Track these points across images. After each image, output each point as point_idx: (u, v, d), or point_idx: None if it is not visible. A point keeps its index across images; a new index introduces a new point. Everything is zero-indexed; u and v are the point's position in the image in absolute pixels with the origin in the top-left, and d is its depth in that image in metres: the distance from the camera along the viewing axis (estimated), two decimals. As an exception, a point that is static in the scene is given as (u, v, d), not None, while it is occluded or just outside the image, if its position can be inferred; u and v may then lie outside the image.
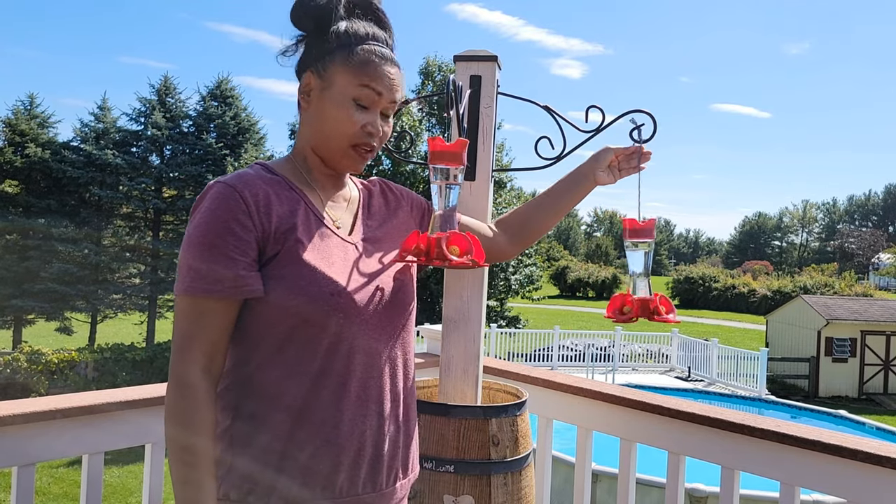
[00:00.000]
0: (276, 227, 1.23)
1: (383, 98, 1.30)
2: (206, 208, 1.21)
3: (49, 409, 1.61)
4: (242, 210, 1.21)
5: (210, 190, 1.24)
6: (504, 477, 1.70)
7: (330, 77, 1.29)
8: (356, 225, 1.38)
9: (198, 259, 1.19)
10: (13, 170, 23.99)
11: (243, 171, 1.28)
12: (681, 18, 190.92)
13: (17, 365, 15.83)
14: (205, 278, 1.18)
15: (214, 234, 1.19)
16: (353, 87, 1.28)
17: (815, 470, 1.68)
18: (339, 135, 1.29)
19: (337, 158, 1.32)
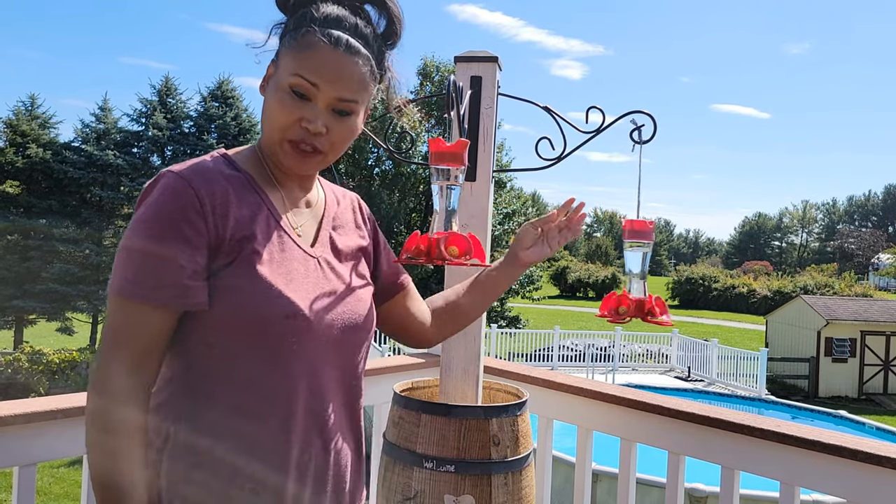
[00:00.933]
0: (233, 232, 1.09)
1: (322, 90, 1.13)
2: (153, 201, 1.07)
3: (50, 409, 1.61)
4: (195, 209, 1.07)
5: (160, 180, 1.09)
6: (504, 477, 1.70)
7: (279, 63, 1.17)
8: (320, 234, 1.25)
9: (137, 259, 1.05)
10: (14, 170, 23.98)
11: (201, 161, 1.14)
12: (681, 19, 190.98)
13: (18, 365, 15.83)
14: (143, 283, 1.04)
15: (160, 232, 1.05)
16: (288, 74, 1.13)
17: (815, 470, 1.69)
18: (271, 127, 1.15)
19: (276, 155, 1.18)
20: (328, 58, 1.13)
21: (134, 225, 1.07)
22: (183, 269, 1.05)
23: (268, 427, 1.09)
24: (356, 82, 1.15)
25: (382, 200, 20.85)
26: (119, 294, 1.05)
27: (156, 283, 1.04)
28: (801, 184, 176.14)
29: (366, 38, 1.18)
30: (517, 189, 25.23)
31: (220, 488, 1.06)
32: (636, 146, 1.64)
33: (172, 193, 1.07)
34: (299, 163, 1.16)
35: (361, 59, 1.15)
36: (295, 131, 1.14)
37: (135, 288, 1.04)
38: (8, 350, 19.40)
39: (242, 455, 1.07)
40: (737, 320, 38.64)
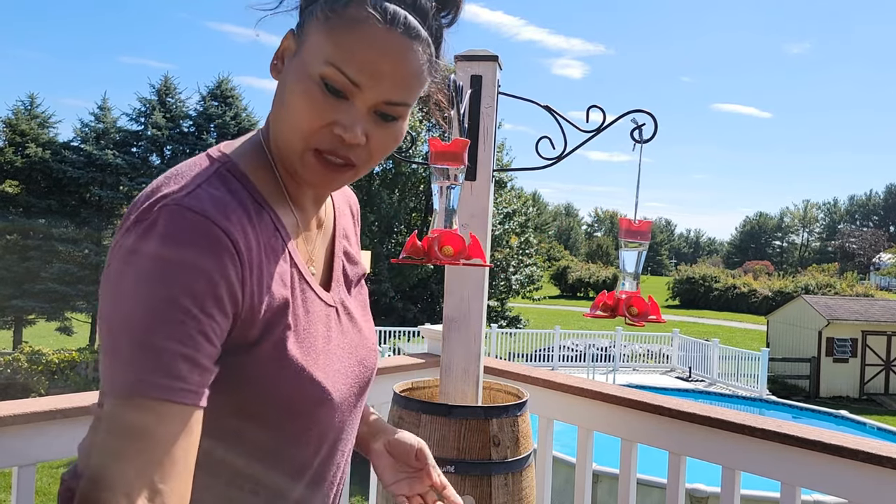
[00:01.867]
0: (268, 304, 0.84)
1: (365, 89, 0.83)
2: (173, 254, 0.76)
3: (49, 410, 1.61)
4: (235, 269, 0.79)
5: (176, 217, 0.77)
6: (505, 477, 1.70)
7: (304, 39, 0.86)
8: (334, 268, 1.02)
9: (151, 335, 0.73)
10: (13, 170, 24.01)
11: (216, 193, 0.82)
12: (682, 18, 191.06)
13: (17, 365, 15.83)
14: (165, 369, 0.73)
15: (188, 299, 0.74)
16: (320, 59, 0.83)
17: (816, 470, 1.68)
18: (291, 128, 0.86)
19: (293, 165, 0.88)
20: (379, 43, 0.82)
21: (137, 287, 0.75)
22: (207, 352, 0.77)
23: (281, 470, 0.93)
24: (412, 78, 0.86)
25: (382, 200, 20.85)
26: (132, 394, 0.72)
27: (179, 372, 0.74)
28: (802, 183, 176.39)
29: (425, 13, 0.87)
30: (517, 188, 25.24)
31: (219, 490, 1.02)
32: (637, 145, 1.63)
33: (206, 242, 0.77)
34: (324, 179, 0.88)
35: (421, 45, 0.86)
36: (323, 139, 0.85)
37: (155, 378, 0.73)
38: (7, 350, 19.40)
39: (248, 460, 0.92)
40: (738, 320, 38.64)
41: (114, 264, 0.79)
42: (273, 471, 0.92)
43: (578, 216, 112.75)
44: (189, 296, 0.75)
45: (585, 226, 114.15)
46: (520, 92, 1.94)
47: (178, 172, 0.85)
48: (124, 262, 0.77)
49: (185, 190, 0.81)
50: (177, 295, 0.74)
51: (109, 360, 0.76)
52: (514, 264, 22.07)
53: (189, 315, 0.75)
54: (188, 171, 0.85)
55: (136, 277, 0.76)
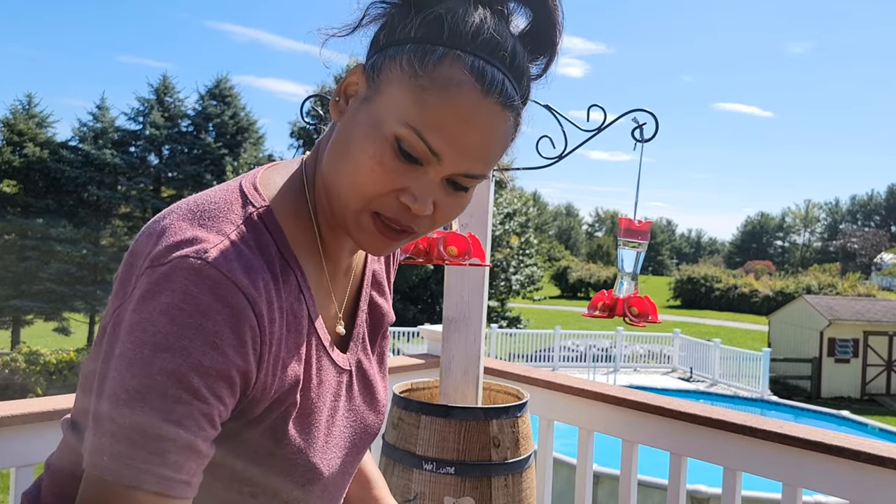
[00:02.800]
0: (279, 386, 0.76)
1: (445, 161, 0.73)
2: (189, 321, 0.67)
3: (47, 410, 1.61)
4: (253, 352, 0.71)
5: (198, 276, 0.68)
6: (505, 479, 1.69)
7: (380, 86, 0.74)
8: (356, 325, 0.92)
9: (153, 415, 0.66)
10: (11, 169, 24.06)
11: (244, 251, 0.73)
12: (683, 17, 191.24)
13: (15, 366, 15.84)
14: (163, 458, 0.66)
15: (197, 378, 0.67)
16: (397, 118, 0.72)
17: (818, 471, 1.68)
18: (351, 185, 0.75)
19: (346, 221, 0.79)
20: (471, 114, 0.71)
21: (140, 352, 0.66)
22: (207, 433, 0.69)
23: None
24: (497, 150, 0.76)
25: (383, 200, 20.86)
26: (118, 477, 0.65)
27: (176, 462, 0.67)
28: (803, 183, 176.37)
29: (521, 74, 0.77)
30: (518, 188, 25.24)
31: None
32: (638, 145, 1.63)
33: (229, 312, 0.68)
34: (377, 243, 0.79)
35: (513, 113, 0.76)
36: (387, 205, 0.76)
37: (148, 467, 0.66)
38: (5, 350, 19.42)
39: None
40: (739, 320, 38.65)
41: (125, 317, 0.70)
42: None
43: (579, 216, 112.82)
44: (200, 374, 0.67)
45: (586, 226, 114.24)
46: (520, 91, 1.93)
47: (206, 211, 0.75)
48: (134, 317, 0.68)
49: (212, 243, 0.71)
50: (186, 372, 0.66)
51: (100, 428, 0.67)
52: (514, 264, 22.08)
53: (197, 396, 0.67)
54: (217, 212, 0.75)
55: (143, 341, 0.67)
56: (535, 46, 0.80)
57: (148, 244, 0.73)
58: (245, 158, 24.36)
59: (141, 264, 0.72)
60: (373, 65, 0.76)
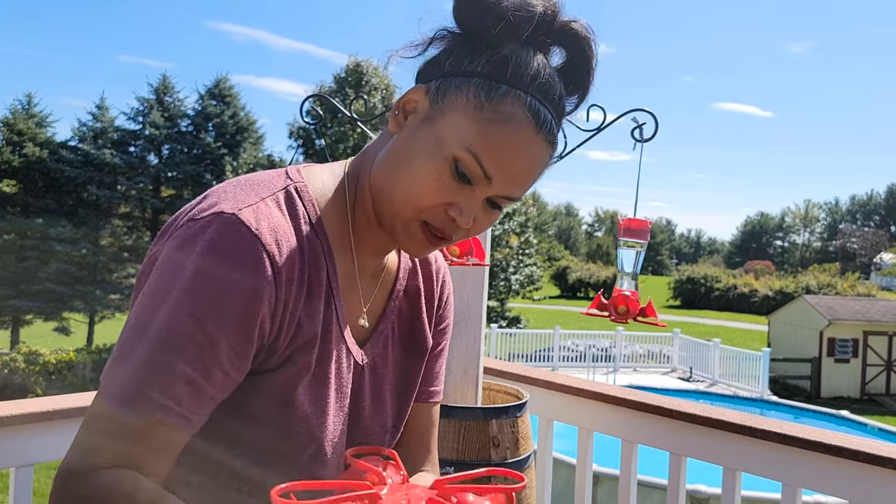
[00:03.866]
0: (292, 341, 0.83)
1: (495, 183, 0.83)
2: (213, 269, 0.75)
3: (47, 410, 1.61)
4: (269, 306, 0.79)
5: (227, 229, 0.77)
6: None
7: (443, 109, 0.83)
8: (380, 328, 0.97)
9: (167, 351, 0.74)
10: (11, 169, 24.06)
11: (275, 214, 0.81)
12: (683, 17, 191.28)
13: (14, 366, 15.83)
14: (169, 389, 0.74)
15: (212, 323, 0.75)
16: (459, 142, 0.81)
17: (817, 471, 1.68)
18: (405, 194, 0.84)
19: (394, 226, 0.87)
20: (523, 147, 0.82)
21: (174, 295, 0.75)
22: (217, 383, 0.77)
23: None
24: (535, 179, 0.87)
25: (383, 200, 20.84)
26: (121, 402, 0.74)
27: (181, 394, 0.75)
28: (803, 183, 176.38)
29: (562, 114, 0.87)
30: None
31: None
32: (637, 145, 1.63)
33: (250, 264, 0.76)
34: (419, 248, 0.89)
35: (552, 149, 0.86)
36: (437, 216, 0.85)
37: (154, 394, 0.74)
38: (4, 350, 19.42)
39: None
40: (739, 320, 38.65)
41: (159, 258, 0.79)
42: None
43: (579, 216, 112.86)
44: (216, 320, 0.75)
45: (586, 226, 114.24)
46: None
47: (250, 181, 0.85)
48: (166, 262, 0.77)
49: (248, 202, 0.80)
50: (203, 316, 0.74)
51: (119, 357, 0.76)
52: (514, 264, 22.07)
53: (210, 340, 0.75)
54: (259, 183, 0.85)
55: (168, 282, 0.76)
56: (569, 84, 0.88)
57: (192, 205, 0.83)
58: (245, 158, 24.35)
59: (181, 219, 0.81)
60: (437, 88, 0.84)
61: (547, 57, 0.86)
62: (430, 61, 0.88)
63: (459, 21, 0.85)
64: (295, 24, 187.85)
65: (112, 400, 0.75)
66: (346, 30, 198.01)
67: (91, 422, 0.77)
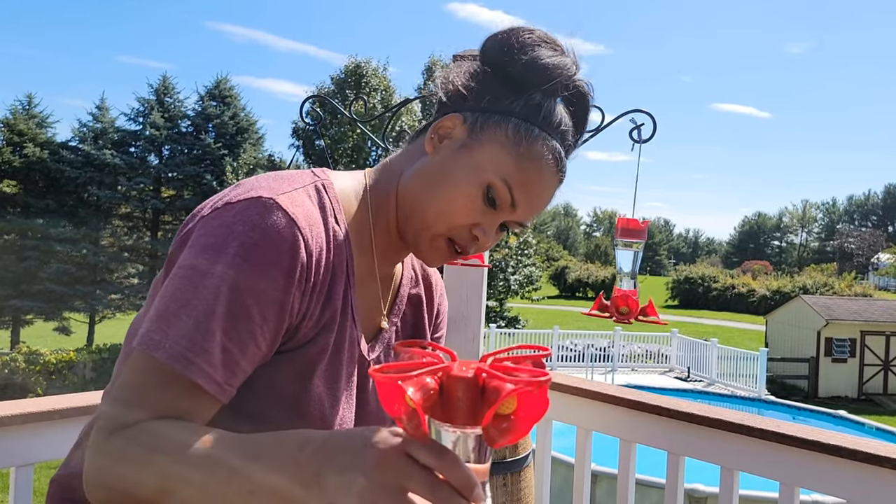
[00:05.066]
0: (316, 322, 0.89)
1: (518, 211, 0.94)
2: (256, 245, 0.81)
3: (47, 410, 1.61)
4: (301, 287, 0.84)
5: (268, 210, 0.82)
6: (504, 478, 1.69)
7: (481, 140, 0.93)
8: (383, 328, 1.04)
9: (210, 320, 0.79)
10: (11, 170, 24.01)
11: (308, 203, 0.88)
12: (681, 18, 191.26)
13: (14, 365, 15.82)
14: (209, 356, 0.79)
15: (251, 299, 0.80)
16: (496, 172, 0.91)
17: (815, 470, 1.68)
18: (438, 213, 0.93)
19: (418, 238, 0.96)
20: (546, 183, 0.94)
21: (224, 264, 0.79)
22: (258, 352, 0.83)
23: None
24: (544, 208, 0.99)
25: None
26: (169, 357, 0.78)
27: (216, 361, 0.79)
28: (800, 183, 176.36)
29: (570, 151, 0.99)
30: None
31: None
32: (635, 145, 1.63)
33: (288, 246, 0.82)
34: (437, 259, 0.99)
35: (560, 182, 0.98)
36: (462, 234, 0.95)
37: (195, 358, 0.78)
38: (5, 350, 19.39)
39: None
40: (736, 320, 38.66)
41: (192, 236, 0.84)
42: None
43: (577, 216, 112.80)
44: (255, 296, 0.80)
45: (584, 226, 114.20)
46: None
47: (281, 175, 0.91)
48: (207, 238, 0.82)
49: (283, 190, 0.86)
50: (244, 291, 0.80)
51: (163, 324, 0.79)
52: (512, 264, 22.07)
53: (248, 315, 0.80)
54: (290, 177, 0.91)
55: (214, 258, 0.80)
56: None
57: (226, 192, 0.88)
58: (245, 159, 24.33)
59: (216, 202, 0.86)
60: (475, 120, 0.93)
61: (565, 107, 0.96)
62: (460, 93, 0.96)
63: (497, 63, 0.94)
64: (295, 25, 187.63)
65: (156, 360, 0.78)
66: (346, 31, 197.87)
67: (131, 377, 0.80)
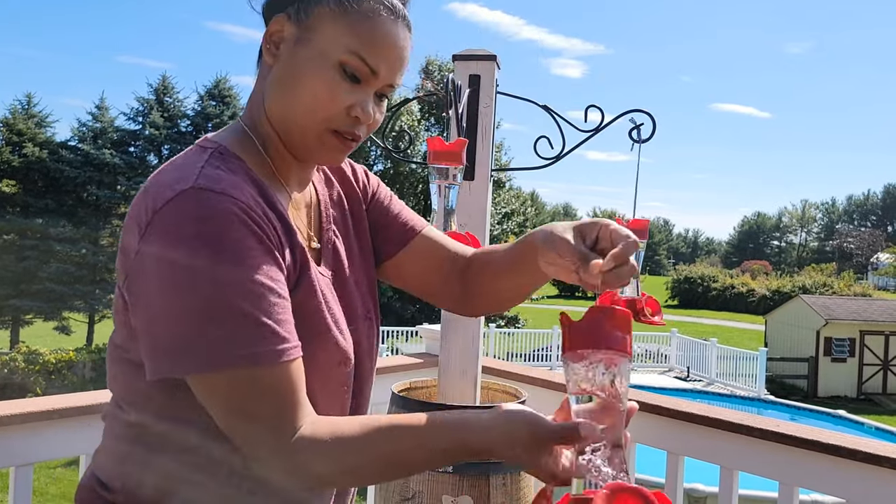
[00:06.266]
0: (291, 266, 0.91)
1: (380, 77, 0.93)
2: (218, 234, 0.81)
3: (46, 410, 1.61)
4: (269, 240, 0.87)
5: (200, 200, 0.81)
6: (503, 478, 1.69)
7: (312, 26, 0.91)
8: (324, 242, 1.05)
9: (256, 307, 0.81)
10: (11, 169, 23.99)
11: (220, 172, 0.87)
12: (681, 18, 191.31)
13: (14, 365, 15.81)
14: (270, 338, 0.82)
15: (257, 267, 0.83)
16: (341, 49, 0.90)
17: (814, 470, 1.68)
18: (306, 111, 0.91)
19: (307, 145, 0.94)
20: (392, 35, 0.92)
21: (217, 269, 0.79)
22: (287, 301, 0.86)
23: None
24: (407, 60, 0.96)
25: (381, 200, 20.80)
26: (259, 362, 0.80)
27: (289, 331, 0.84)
28: (800, 183, 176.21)
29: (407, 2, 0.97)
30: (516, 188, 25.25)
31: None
32: (635, 145, 1.64)
33: (236, 217, 0.82)
34: (338, 155, 0.97)
35: (411, 31, 0.96)
36: (342, 120, 0.93)
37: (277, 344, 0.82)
38: (4, 350, 19.38)
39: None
40: (736, 320, 38.64)
41: (149, 256, 0.81)
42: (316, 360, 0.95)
43: (577, 216, 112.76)
44: (250, 269, 0.81)
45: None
46: (519, 91, 1.94)
47: (174, 164, 0.90)
48: (172, 255, 0.79)
49: (192, 175, 0.84)
50: (240, 277, 0.80)
51: (188, 347, 0.79)
52: (512, 264, 22.05)
53: (259, 284, 0.81)
54: (184, 162, 0.89)
55: (195, 268, 0.79)
56: None
57: (143, 202, 0.85)
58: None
59: (144, 218, 0.83)
60: (297, 10, 0.91)
61: None
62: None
63: None
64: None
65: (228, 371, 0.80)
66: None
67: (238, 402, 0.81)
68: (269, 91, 0.95)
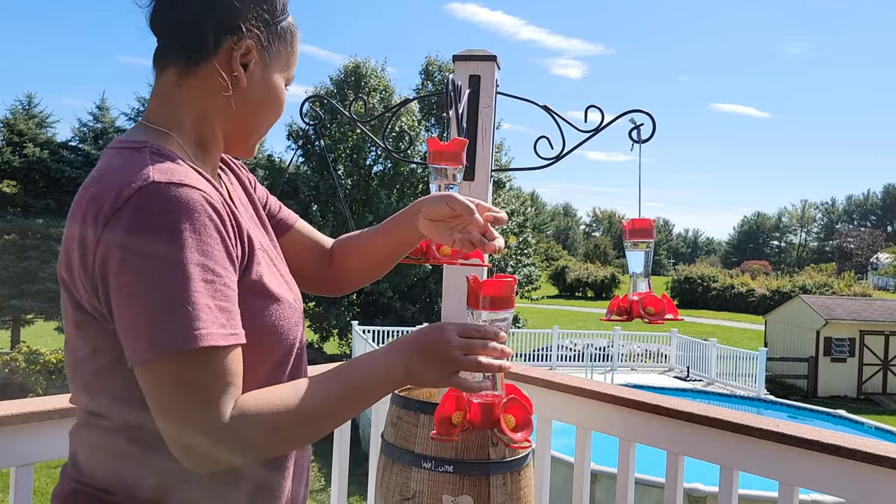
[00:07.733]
0: (246, 250, 0.98)
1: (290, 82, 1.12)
2: (180, 224, 0.85)
3: (47, 410, 1.61)
4: (226, 228, 0.92)
5: (161, 193, 0.85)
6: (503, 477, 1.70)
7: (271, 52, 1.05)
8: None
9: (205, 294, 0.86)
10: (11, 170, 23.97)
11: (172, 164, 0.91)
12: (681, 18, 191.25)
13: (15, 365, 15.81)
14: (227, 319, 0.88)
15: (207, 260, 0.87)
16: (284, 73, 1.08)
17: (814, 470, 1.68)
18: (260, 122, 1.08)
19: (249, 146, 1.11)
20: (297, 43, 1.11)
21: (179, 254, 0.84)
22: (235, 293, 0.92)
23: None
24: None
25: (381, 200, 20.84)
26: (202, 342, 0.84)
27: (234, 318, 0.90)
28: (800, 183, 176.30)
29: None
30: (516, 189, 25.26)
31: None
32: (635, 145, 1.64)
33: (199, 206, 0.87)
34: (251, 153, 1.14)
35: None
36: None
37: (220, 329, 0.87)
38: (5, 350, 19.38)
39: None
40: (736, 320, 38.68)
41: (117, 252, 0.85)
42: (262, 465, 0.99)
43: (576, 216, 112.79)
44: (209, 258, 0.87)
45: (583, 226, 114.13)
46: (519, 92, 1.95)
47: (113, 166, 0.92)
48: (136, 247, 0.84)
49: (142, 169, 0.88)
50: (200, 262, 0.85)
51: (155, 330, 0.83)
52: (512, 264, 22.08)
53: (214, 273, 0.87)
54: (124, 163, 0.91)
55: (159, 258, 0.83)
56: None
57: (98, 198, 0.88)
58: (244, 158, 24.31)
59: (99, 216, 0.87)
60: (260, 39, 1.03)
61: None
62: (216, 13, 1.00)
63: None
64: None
65: (178, 351, 0.84)
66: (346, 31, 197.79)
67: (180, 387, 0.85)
68: (242, 106, 1.03)
